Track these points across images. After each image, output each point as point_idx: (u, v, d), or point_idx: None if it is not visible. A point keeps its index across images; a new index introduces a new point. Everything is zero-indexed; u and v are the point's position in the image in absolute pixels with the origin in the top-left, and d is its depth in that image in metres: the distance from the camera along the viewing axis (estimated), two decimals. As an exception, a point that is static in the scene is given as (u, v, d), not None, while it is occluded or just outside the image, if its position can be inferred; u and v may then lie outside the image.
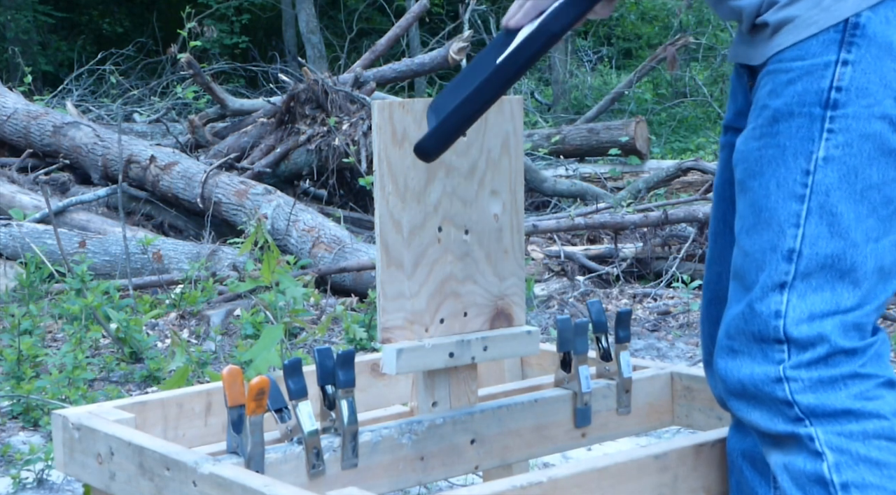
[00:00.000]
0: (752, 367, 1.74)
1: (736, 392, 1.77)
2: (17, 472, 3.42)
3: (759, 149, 1.74)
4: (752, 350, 1.74)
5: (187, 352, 3.99)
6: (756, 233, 1.74)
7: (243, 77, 14.04)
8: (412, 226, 2.11)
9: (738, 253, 1.79)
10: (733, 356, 1.77)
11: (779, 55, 1.73)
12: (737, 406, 1.78)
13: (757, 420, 1.76)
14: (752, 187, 1.75)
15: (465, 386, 2.22)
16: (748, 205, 1.76)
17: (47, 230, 6.08)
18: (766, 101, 1.74)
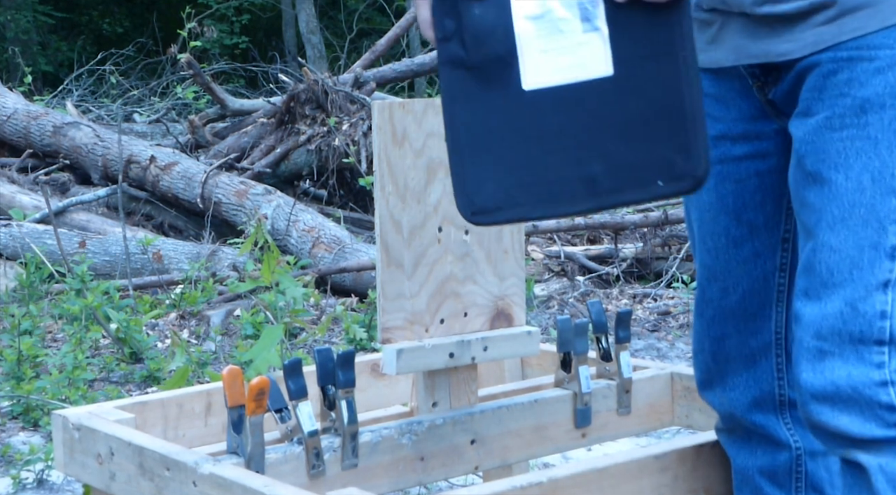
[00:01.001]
0: (846, 370, 1.64)
1: (823, 395, 1.66)
2: (17, 472, 3.42)
3: (843, 140, 1.64)
4: (844, 351, 1.65)
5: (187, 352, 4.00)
6: (847, 228, 1.64)
7: (243, 77, 14.03)
8: (412, 226, 2.11)
9: (819, 248, 1.67)
10: (821, 357, 1.66)
11: (856, 41, 1.63)
12: (818, 410, 1.67)
13: (845, 425, 1.65)
14: (835, 180, 1.65)
15: (465, 386, 2.22)
16: (831, 199, 1.65)
17: (47, 230, 6.08)
18: (844, 89, 1.64)
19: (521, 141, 1.62)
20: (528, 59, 1.60)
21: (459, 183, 1.64)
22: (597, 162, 1.59)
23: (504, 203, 1.63)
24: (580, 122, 1.60)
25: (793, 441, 1.95)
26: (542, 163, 1.61)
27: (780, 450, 1.95)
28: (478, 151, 1.63)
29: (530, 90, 1.60)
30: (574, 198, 1.61)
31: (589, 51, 1.58)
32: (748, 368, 1.94)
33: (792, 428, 1.95)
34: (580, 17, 1.58)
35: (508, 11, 1.60)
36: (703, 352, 1.98)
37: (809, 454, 1.96)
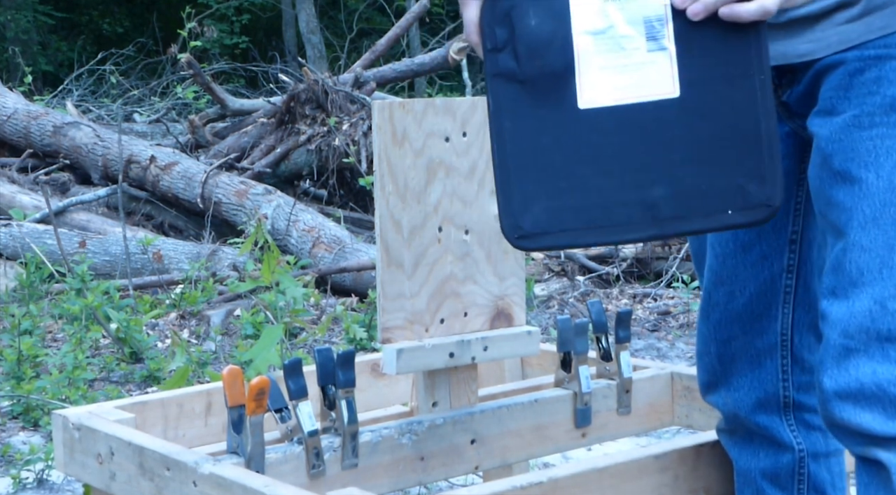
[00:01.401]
0: (872, 367, 1.62)
1: (847, 393, 1.64)
2: (17, 472, 3.42)
3: (873, 139, 1.62)
4: (871, 349, 1.63)
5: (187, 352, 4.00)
6: (878, 227, 1.62)
7: (243, 77, 14.03)
8: (412, 226, 2.11)
9: (850, 248, 1.65)
10: (846, 355, 1.64)
11: (883, 40, 1.62)
12: (841, 408, 1.65)
13: (867, 422, 1.63)
14: (866, 179, 1.63)
15: (465, 386, 2.22)
16: (862, 198, 1.63)
17: (47, 230, 6.08)
18: (872, 87, 1.63)
19: (575, 161, 1.52)
20: (585, 75, 1.52)
21: (505, 203, 1.54)
22: (660, 186, 1.51)
23: (552, 227, 1.54)
24: (641, 143, 1.51)
25: (796, 443, 1.95)
26: (597, 186, 1.52)
27: (782, 452, 1.95)
28: (526, 170, 1.54)
29: (586, 109, 1.52)
30: (632, 225, 1.52)
31: (654, 70, 1.51)
32: (753, 369, 1.93)
33: (795, 429, 1.95)
34: (646, 35, 1.50)
35: (568, 24, 1.51)
36: (708, 355, 1.96)
37: (812, 456, 1.96)
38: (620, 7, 1.50)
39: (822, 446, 1.96)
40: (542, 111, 1.53)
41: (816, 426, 1.94)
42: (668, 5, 1.50)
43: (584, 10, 1.51)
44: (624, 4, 1.50)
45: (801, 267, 1.88)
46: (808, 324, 1.91)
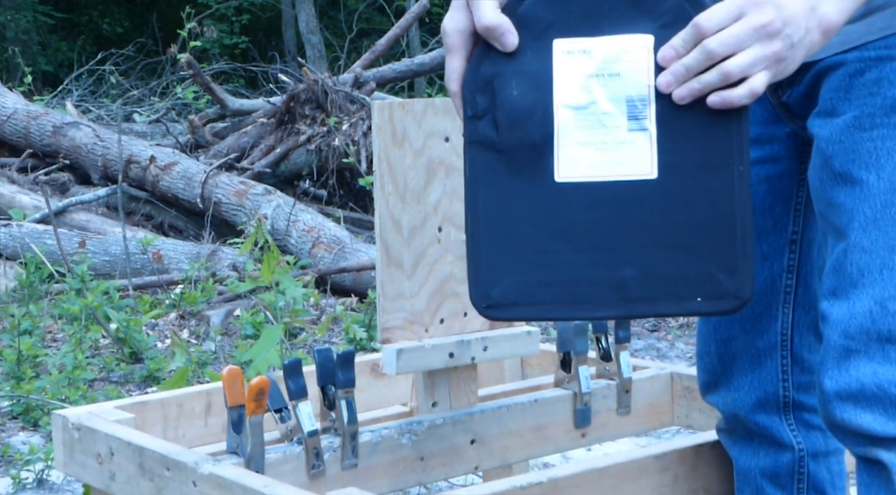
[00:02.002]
0: (872, 368, 1.62)
1: (847, 393, 1.64)
2: (17, 472, 3.42)
3: (874, 140, 1.61)
4: (871, 350, 1.62)
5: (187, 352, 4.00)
6: (878, 229, 1.62)
7: (243, 77, 14.04)
8: (412, 226, 2.11)
9: (851, 249, 1.64)
10: (847, 356, 1.64)
11: (884, 41, 1.61)
12: (841, 408, 1.64)
13: (868, 423, 1.62)
14: (867, 180, 1.62)
15: (465, 386, 2.22)
16: (863, 200, 1.62)
17: (47, 230, 6.08)
18: (873, 89, 1.62)
19: (547, 235, 1.50)
20: (564, 149, 1.49)
21: (475, 271, 1.52)
22: (630, 267, 1.49)
23: (522, 299, 1.51)
24: (615, 222, 1.49)
25: (796, 442, 1.95)
26: (568, 262, 1.50)
27: (782, 452, 1.95)
28: (498, 240, 1.52)
29: (563, 182, 1.49)
30: (600, 303, 1.50)
31: (633, 150, 1.48)
32: (753, 369, 1.93)
33: (795, 429, 1.95)
34: (627, 114, 1.48)
35: (550, 96, 1.49)
36: (708, 355, 1.96)
37: (811, 455, 1.96)
38: (604, 84, 1.48)
39: (821, 446, 1.96)
40: (519, 182, 1.51)
41: (816, 425, 1.94)
42: (651, 86, 1.48)
43: (567, 84, 1.50)
44: (607, 81, 1.48)
45: (802, 267, 1.88)
46: (808, 324, 1.91)
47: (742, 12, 1.43)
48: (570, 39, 1.50)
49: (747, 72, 1.43)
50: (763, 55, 1.43)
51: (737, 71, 1.43)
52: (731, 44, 1.42)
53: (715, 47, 1.42)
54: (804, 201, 1.84)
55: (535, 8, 1.52)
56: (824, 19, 1.47)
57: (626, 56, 1.48)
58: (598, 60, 1.49)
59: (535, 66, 1.51)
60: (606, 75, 1.49)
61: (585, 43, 1.50)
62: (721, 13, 1.43)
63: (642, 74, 1.47)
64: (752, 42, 1.42)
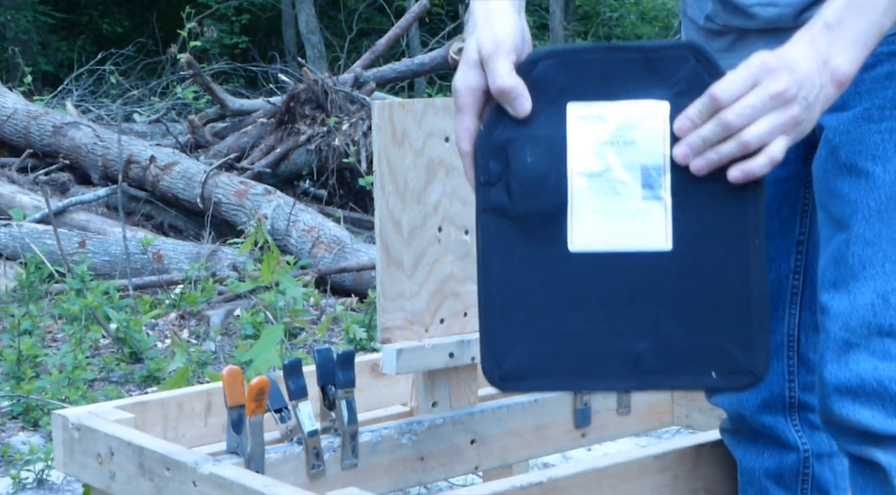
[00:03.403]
0: (873, 363, 1.61)
1: (847, 388, 1.63)
2: (17, 472, 3.42)
3: (881, 133, 1.61)
4: (872, 344, 1.61)
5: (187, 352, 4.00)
6: (882, 222, 1.61)
7: (243, 77, 14.04)
8: (412, 226, 2.11)
9: (854, 241, 1.63)
10: (847, 350, 1.63)
11: (895, 36, 1.60)
12: (840, 403, 1.64)
13: (866, 419, 1.62)
14: (873, 172, 1.61)
15: (465, 386, 2.22)
16: (868, 192, 1.62)
17: (47, 230, 6.08)
18: (884, 82, 1.61)
19: (561, 305, 1.48)
20: (578, 217, 1.47)
21: (487, 341, 1.49)
22: (644, 339, 1.46)
23: (534, 370, 1.48)
24: (629, 293, 1.46)
25: (801, 443, 1.94)
26: (582, 333, 1.47)
27: (787, 452, 1.95)
28: (511, 310, 1.49)
29: (576, 252, 1.47)
30: (613, 375, 1.47)
31: (647, 220, 1.45)
32: None
33: (800, 429, 1.95)
34: (641, 183, 1.45)
35: (564, 163, 1.46)
36: None
37: (816, 456, 1.95)
38: (618, 151, 1.45)
39: (826, 446, 1.95)
40: (532, 250, 1.48)
41: (821, 426, 1.94)
42: (667, 155, 1.45)
43: (581, 151, 1.47)
44: (622, 149, 1.45)
45: (808, 268, 1.87)
46: (814, 325, 1.90)
47: (757, 80, 1.40)
48: (584, 104, 1.47)
49: (765, 140, 1.41)
50: (781, 122, 1.41)
51: (755, 141, 1.40)
52: (748, 114, 1.40)
53: (732, 119, 1.40)
54: (811, 203, 1.84)
55: (549, 72, 1.48)
56: (837, 71, 1.46)
57: (641, 123, 1.45)
58: (612, 127, 1.46)
59: (549, 131, 1.47)
60: (621, 142, 1.46)
61: (600, 108, 1.47)
62: (736, 83, 1.41)
63: (658, 143, 1.45)
64: (768, 110, 1.40)
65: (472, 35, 1.51)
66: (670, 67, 1.47)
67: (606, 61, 1.48)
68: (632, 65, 1.47)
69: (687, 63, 1.46)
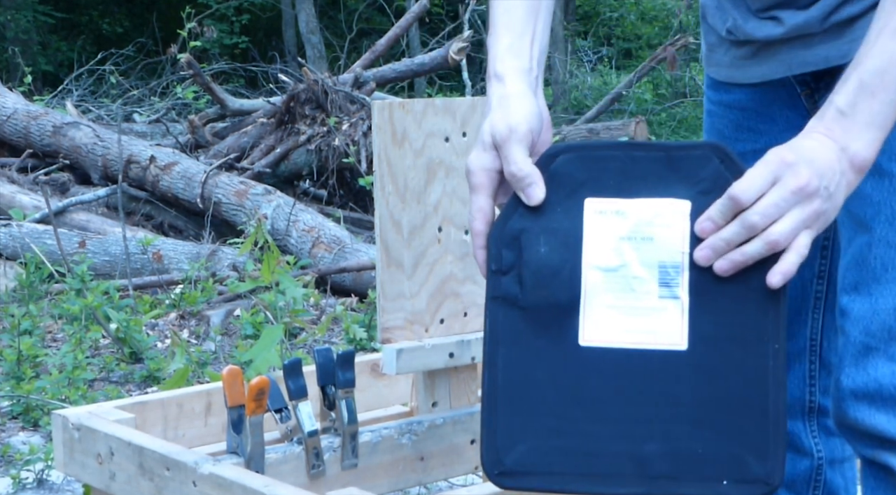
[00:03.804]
0: (892, 368, 1.59)
1: (864, 392, 1.61)
2: (17, 472, 3.42)
3: None
4: (891, 349, 1.59)
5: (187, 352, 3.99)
6: None
7: (243, 77, 14.04)
8: (412, 226, 2.11)
9: (876, 243, 1.62)
10: (866, 354, 1.61)
11: None
12: (856, 407, 1.62)
13: (882, 424, 1.60)
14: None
15: (465, 386, 2.22)
16: (891, 193, 1.60)
17: (47, 230, 6.08)
18: None
19: (568, 401, 1.44)
20: (590, 311, 1.43)
21: (488, 435, 1.45)
22: (653, 442, 1.42)
23: (536, 468, 1.44)
24: (641, 393, 1.42)
25: (815, 450, 1.93)
26: (589, 432, 1.43)
27: (801, 458, 1.93)
28: (515, 404, 1.45)
29: (587, 347, 1.44)
30: (619, 478, 1.42)
31: (663, 318, 1.42)
32: None
33: (816, 435, 1.93)
34: (658, 281, 1.42)
35: (579, 256, 1.44)
36: None
37: (829, 462, 1.94)
38: (636, 247, 1.43)
39: (839, 452, 1.93)
40: (541, 343, 1.45)
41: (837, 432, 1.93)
42: (686, 253, 1.42)
43: (597, 245, 1.44)
44: (640, 245, 1.43)
45: (832, 273, 1.85)
46: (836, 329, 1.89)
47: (777, 177, 1.39)
48: (602, 199, 1.45)
49: (792, 238, 1.39)
50: (805, 218, 1.39)
51: (782, 239, 1.39)
52: (772, 213, 1.38)
53: (756, 220, 1.38)
54: None
55: (568, 165, 1.47)
56: (856, 158, 1.44)
57: (660, 220, 1.43)
58: (631, 223, 1.44)
59: (565, 223, 1.45)
60: (639, 238, 1.43)
61: (619, 204, 1.45)
62: (756, 181, 1.39)
63: (677, 241, 1.42)
64: (791, 206, 1.38)
65: (487, 117, 1.50)
66: (693, 166, 1.45)
67: (627, 158, 1.47)
68: (653, 162, 1.46)
69: (710, 163, 1.44)
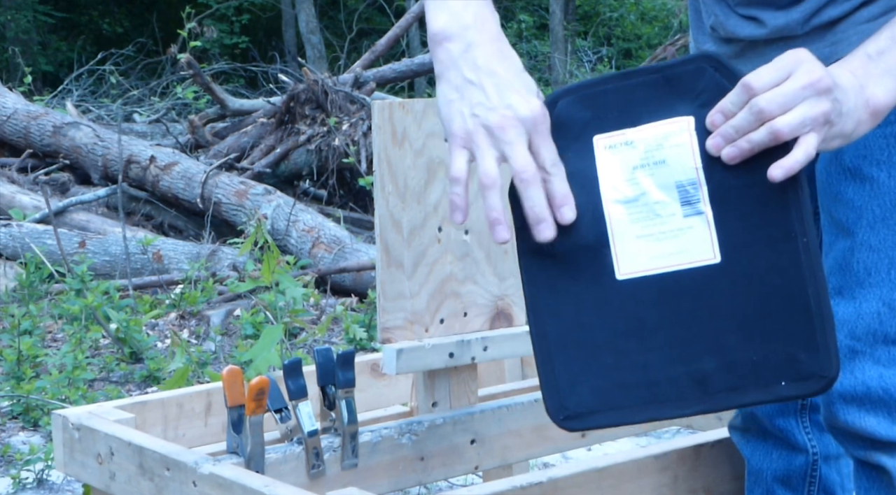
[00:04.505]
0: (878, 371, 1.60)
1: (853, 396, 1.62)
2: (17, 472, 3.42)
3: (886, 137, 1.59)
4: (877, 352, 1.60)
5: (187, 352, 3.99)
6: (887, 228, 1.60)
7: (243, 77, 14.04)
8: (412, 226, 2.11)
9: (858, 247, 1.62)
10: (852, 358, 1.62)
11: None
12: (845, 410, 1.63)
13: (871, 426, 1.61)
14: (877, 178, 1.60)
15: (465, 386, 2.22)
16: (872, 197, 1.60)
17: (47, 230, 6.08)
18: None
19: (619, 336, 1.45)
20: (621, 245, 1.44)
21: (549, 383, 1.46)
22: (708, 358, 1.42)
23: (601, 406, 1.45)
24: (686, 313, 1.43)
25: (810, 446, 1.94)
26: (644, 362, 1.44)
27: (796, 455, 1.94)
28: (568, 348, 1.46)
29: (625, 279, 1.44)
30: (683, 400, 1.43)
31: (692, 236, 1.43)
32: None
33: (810, 431, 1.94)
34: (680, 201, 1.43)
35: (598, 195, 1.45)
36: None
37: (824, 458, 1.94)
38: (651, 173, 1.44)
39: (834, 448, 1.94)
40: (580, 285, 1.46)
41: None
42: (699, 168, 1.43)
43: (613, 180, 1.45)
44: (654, 170, 1.44)
45: None
46: None
47: (791, 71, 1.40)
48: (610, 134, 1.46)
49: (797, 131, 1.39)
50: (813, 114, 1.39)
51: (787, 129, 1.39)
52: (781, 102, 1.39)
53: (765, 106, 1.38)
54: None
55: (570, 108, 1.48)
56: (872, 99, 1.45)
57: (668, 141, 1.44)
58: (641, 150, 1.44)
59: (579, 166, 1.46)
60: (652, 164, 1.44)
61: (626, 135, 1.46)
62: (770, 72, 1.40)
63: (688, 157, 1.43)
64: (801, 100, 1.39)
65: (481, 69, 1.47)
66: (690, 81, 1.45)
67: (625, 88, 1.47)
68: (651, 86, 1.46)
69: (705, 74, 1.45)
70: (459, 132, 1.49)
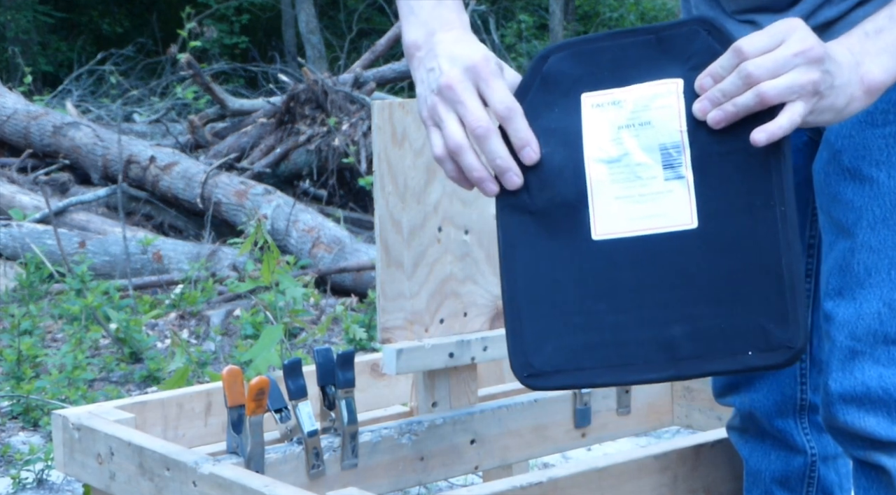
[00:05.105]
0: (878, 371, 1.60)
1: (852, 396, 1.62)
2: (17, 472, 3.42)
3: (885, 137, 1.59)
4: (877, 352, 1.60)
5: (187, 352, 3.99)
6: (888, 228, 1.59)
7: (243, 77, 14.04)
8: (412, 226, 2.11)
9: (859, 248, 1.62)
10: (852, 358, 1.62)
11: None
12: (844, 411, 1.63)
13: (871, 426, 1.61)
14: (877, 178, 1.59)
15: (465, 386, 2.22)
16: (872, 198, 1.60)
17: (47, 230, 6.08)
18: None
19: (589, 296, 1.43)
20: (599, 205, 1.43)
21: (516, 340, 1.46)
22: (678, 324, 1.41)
23: (566, 365, 1.44)
24: (659, 278, 1.42)
25: (808, 446, 1.94)
26: (613, 323, 1.43)
27: (794, 455, 1.94)
28: (538, 306, 1.45)
29: (601, 240, 1.43)
30: (649, 365, 1.42)
31: (671, 200, 1.42)
32: (774, 372, 1.92)
33: (809, 432, 1.94)
34: (662, 164, 1.41)
35: (580, 152, 1.44)
36: None
37: (822, 459, 1.95)
38: (635, 134, 1.42)
39: (832, 448, 1.94)
40: (556, 243, 1.45)
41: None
42: (684, 132, 1.42)
43: (597, 138, 1.44)
44: (639, 131, 1.42)
45: (820, 271, 1.86)
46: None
47: (784, 38, 1.39)
48: (598, 92, 1.45)
49: (784, 97, 1.38)
50: (801, 82, 1.38)
51: (773, 93, 1.38)
52: (771, 68, 1.38)
53: (753, 70, 1.38)
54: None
55: (561, 64, 1.47)
56: (867, 76, 1.44)
57: (655, 103, 1.43)
58: (628, 110, 1.44)
59: (564, 122, 1.45)
60: (637, 125, 1.43)
61: (614, 94, 1.45)
62: (762, 38, 1.39)
63: (674, 120, 1.42)
64: (790, 68, 1.38)
65: (434, 53, 1.49)
66: (683, 43, 1.44)
67: (618, 47, 1.46)
68: (643, 47, 1.46)
69: (699, 37, 1.44)
70: (424, 112, 1.49)
